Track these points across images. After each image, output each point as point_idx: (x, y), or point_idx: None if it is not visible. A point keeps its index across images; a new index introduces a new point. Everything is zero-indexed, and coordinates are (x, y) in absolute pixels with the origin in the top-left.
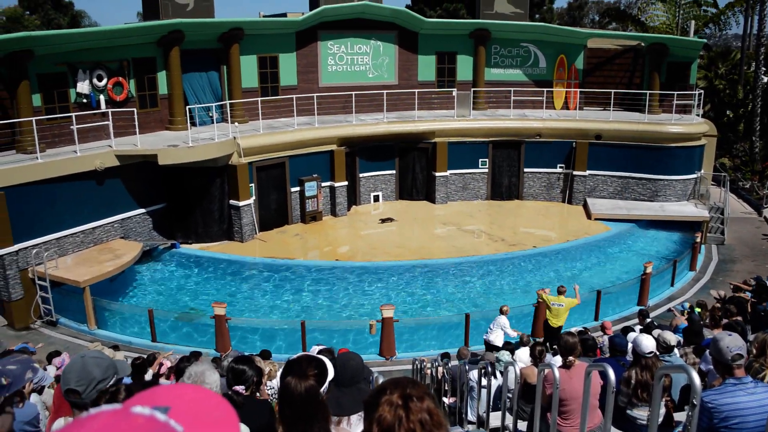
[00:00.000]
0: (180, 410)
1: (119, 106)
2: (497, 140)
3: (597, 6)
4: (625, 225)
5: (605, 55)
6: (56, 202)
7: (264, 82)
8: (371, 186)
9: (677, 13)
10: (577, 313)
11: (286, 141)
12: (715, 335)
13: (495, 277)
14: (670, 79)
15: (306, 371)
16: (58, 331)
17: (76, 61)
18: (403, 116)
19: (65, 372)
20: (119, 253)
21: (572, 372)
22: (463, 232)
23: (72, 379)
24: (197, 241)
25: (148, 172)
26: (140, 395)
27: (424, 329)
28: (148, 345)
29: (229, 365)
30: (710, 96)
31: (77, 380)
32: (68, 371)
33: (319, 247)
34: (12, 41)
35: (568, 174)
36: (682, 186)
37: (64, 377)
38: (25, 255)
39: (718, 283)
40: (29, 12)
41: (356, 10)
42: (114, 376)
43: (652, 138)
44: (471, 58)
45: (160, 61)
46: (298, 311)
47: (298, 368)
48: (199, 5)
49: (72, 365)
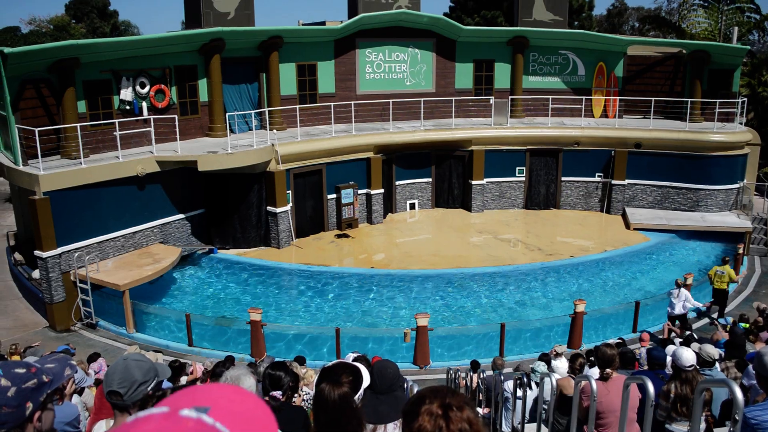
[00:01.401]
0: (220, 410)
1: (161, 113)
2: (534, 148)
3: (637, 13)
4: (665, 235)
5: (645, 62)
6: (98, 207)
7: (302, 89)
8: (407, 194)
9: (720, 20)
10: (615, 324)
11: (324, 148)
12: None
13: (531, 286)
14: (713, 86)
15: (340, 378)
16: (97, 333)
17: (121, 68)
18: (440, 124)
19: (108, 374)
20: (158, 258)
21: (610, 384)
22: (499, 241)
23: (115, 381)
24: (234, 247)
25: (188, 178)
26: (180, 394)
27: (459, 338)
28: (184, 349)
29: (266, 371)
30: (754, 104)
31: (120, 382)
32: (111, 373)
33: (354, 255)
34: (60, 49)
35: (606, 183)
36: (724, 196)
37: (107, 379)
38: (68, 258)
39: (761, 296)
40: (75, 20)
41: (394, 18)
42: (155, 378)
43: (693, 147)
44: (509, 65)
45: (201, 68)
46: (332, 318)
47: (332, 375)
48: (240, 14)
49: (115, 367)
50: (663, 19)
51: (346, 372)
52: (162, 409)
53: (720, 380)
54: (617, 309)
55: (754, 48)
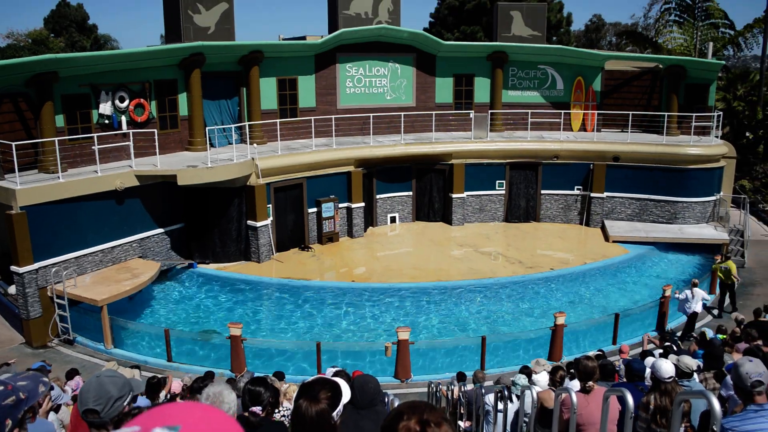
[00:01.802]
0: (190, 429)
1: (140, 127)
2: (514, 162)
3: (614, 28)
4: (644, 247)
5: (623, 77)
6: (76, 222)
7: (283, 104)
8: (388, 207)
9: (695, 35)
10: (594, 336)
11: (304, 162)
12: (736, 361)
13: (512, 299)
14: (689, 100)
15: (318, 394)
16: (75, 349)
17: (100, 82)
18: (420, 138)
19: (82, 392)
20: (137, 273)
21: (590, 397)
22: (480, 254)
23: (90, 399)
24: (214, 261)
25: (167, 192)
26: (151, 413)
27: (440, 352)
28: (163, 365)
29: (246, 386)
30: (729, 118)
31: (95, 399)
32: (85, 391)
33: (335, 268)
34: (38, 63)
35: (585, 196)
36: (701, 208)
37: (82, 398)
38: (45, 273)
39: (739, 306)
40: (54, 35)
41: (374, 33)
42: (130, 393)
43: (670, 160)
44: (488, 80)
45: (181, 83)
46: (313, 332)
47: (310, 391)
48: (220, 28)
49: (88, 385)
50: (640, 34)
51: (324, 387)
52: (133, 429)
53: (698, 391)
54: (597, 321)
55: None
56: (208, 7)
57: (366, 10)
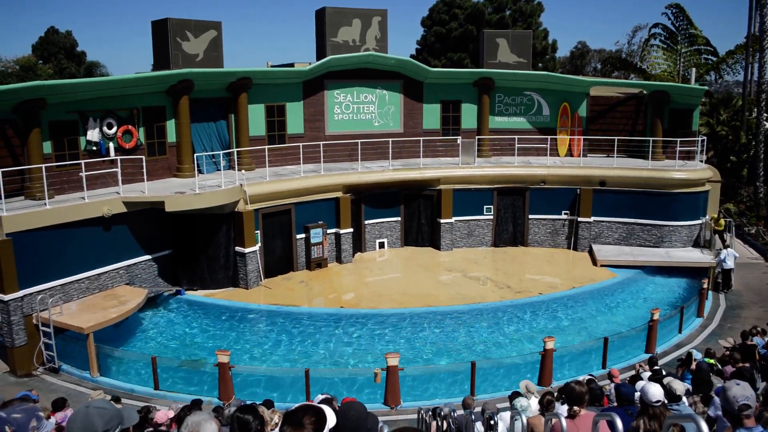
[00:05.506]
0: None
1: (128, 154)
2: (502, 187)
3: (599, 54)
4: (631, 271)
5: (608, 102)
6: (63, 248)
7: (271, 130)
8: (377, 233)
9: (678, 62)
10: (584, 360)
11: (292, 188)
12: (724, 385)
13: (501, 324)
14: (673, 125)
15: (302, 421)
16: (60, 378)
17: (88, 109)
18: (408, 164)
19: (69, 423)
20: (124, 300)
21: (579, 422)
22: (468, 279)
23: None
24: (202, 288)
25: (155, 218)
26: None
27: (430, 378)
28: (150, 393)
29: (234, 415)
30: (713, 142)
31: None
32: (72, 422)
33: (324, 294)
34: (26, 90)
35: (572, 220)
36: (687, 232)
37: (68, 429)
38: (30, 301)
39: (726, 329)
40: (42, 61)
41: (362, 60)
42: (118, 426)
43: (656, 184)
44: (475, 106)
45: (169, 109)
46: (302, 359)
47: (294, 418)
48: (209, 55)
49: (75, 416)
50: (624, 60)
51: (308, 414)
52: None
53: (687, 415)
54: (586, 345)
55: (711, 88)
56: (196, 35)
57: (353, 38)
